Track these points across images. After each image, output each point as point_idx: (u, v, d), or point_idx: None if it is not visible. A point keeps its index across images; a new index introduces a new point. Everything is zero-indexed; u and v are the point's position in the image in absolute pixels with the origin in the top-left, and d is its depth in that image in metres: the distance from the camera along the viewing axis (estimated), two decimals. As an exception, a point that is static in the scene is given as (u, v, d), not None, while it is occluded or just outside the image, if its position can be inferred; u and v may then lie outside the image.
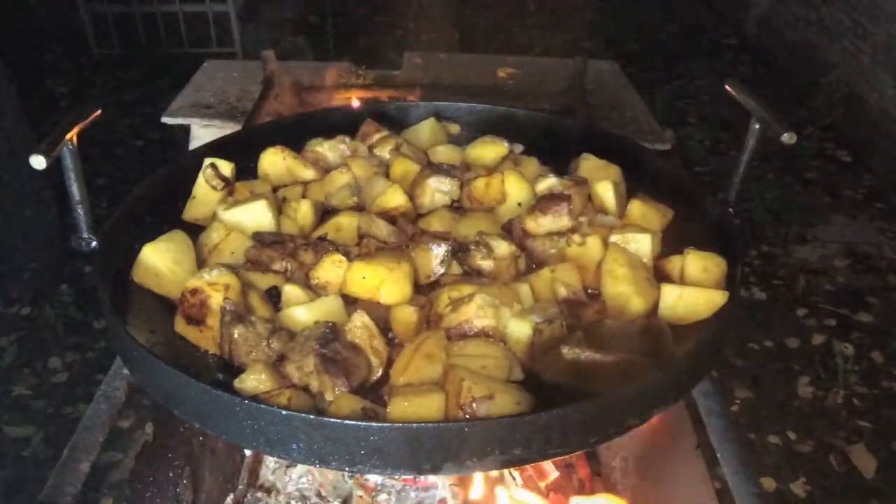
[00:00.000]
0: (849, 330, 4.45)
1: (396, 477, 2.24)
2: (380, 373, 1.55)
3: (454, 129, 2.54)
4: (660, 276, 1.82)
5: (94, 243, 1.86)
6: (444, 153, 2.35)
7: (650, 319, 1.67)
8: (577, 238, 1.85)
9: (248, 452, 2.56)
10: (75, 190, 1.82)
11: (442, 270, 1.78)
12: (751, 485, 1.67)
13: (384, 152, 2.31)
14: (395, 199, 2.04)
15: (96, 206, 1.80)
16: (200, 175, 2.03)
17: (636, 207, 2.00)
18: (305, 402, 1.43)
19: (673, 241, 1.91)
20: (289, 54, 3.68)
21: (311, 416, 1.31)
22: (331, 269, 1.72)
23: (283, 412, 1.32)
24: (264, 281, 1.75)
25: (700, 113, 7.04)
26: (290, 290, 1.69)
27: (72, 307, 4.42)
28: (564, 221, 1.88)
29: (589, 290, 1.80)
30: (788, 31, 7.91)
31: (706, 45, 8.93)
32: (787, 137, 1.88)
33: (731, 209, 2.05)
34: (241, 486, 2.49)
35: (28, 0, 8.18)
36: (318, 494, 2.41)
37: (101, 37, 7.96)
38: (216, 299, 1.57)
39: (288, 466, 2.48)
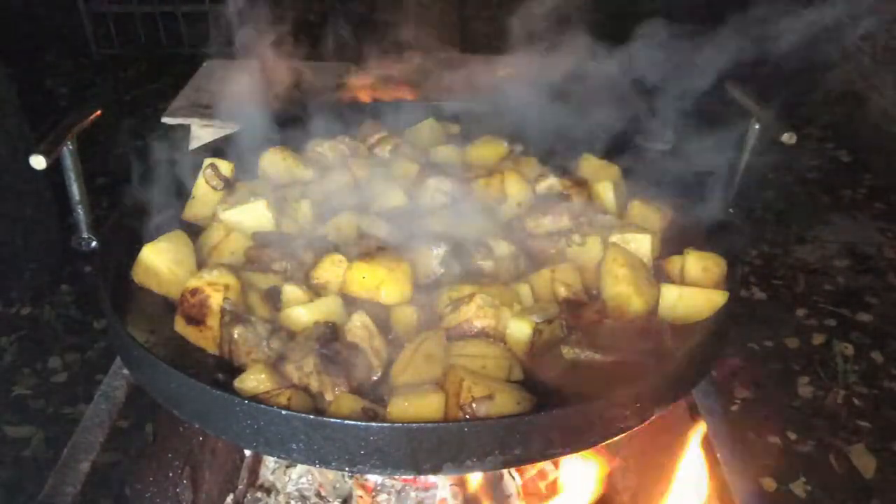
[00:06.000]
0: (849, 330, 4.44)
1: (396, 477, 2.24)
2: (380, 373, 1.55)
3: (454, 129, 2.54)
4: (660, 276, 1.82)
5: (94, 243, 1.86)
6: (444, 153, 2.35)
7: (650, 319, 1.67)
8: (577, 238, 1.85)
9: (248, 452, 2.56)
10: (75, 190, 1.82)
11: (442, 270, 1.78)
12: (751, 485, 1.67)
13: (384, 152, 2.31)
14: (395, 199, 2.04)
15: (96, 206, 1.80)
16: (200, 175, 2.03)
17: (636, 207, 2.00)
18: (305, 402, 1.43)
19: (673, 241, 1.91)
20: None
21: (311, 416, 1.31)
22: (331, 269, 1.72)
23: (283, 412, 1.32)
24: (264, 281, 1.74)
25: (701, 113, 7.03)
26: (290, 290, 1.69)
27: (72, 307, 4.41)
28: (564, 221, 1.88)
29: (589, 291, 1.80)
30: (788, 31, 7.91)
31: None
32: (787, 137, 1.88)
33: (730, 209, 2.06)
34: (241, 486, 2.49)
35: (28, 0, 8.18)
36: (318, 494, 2.40)
37: (101, 37, 7.96)
38: (216, 299, 1.57)
39: (288, 466, 2.48)
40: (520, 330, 1.56)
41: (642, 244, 1.83)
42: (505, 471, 2.32)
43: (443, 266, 1.78)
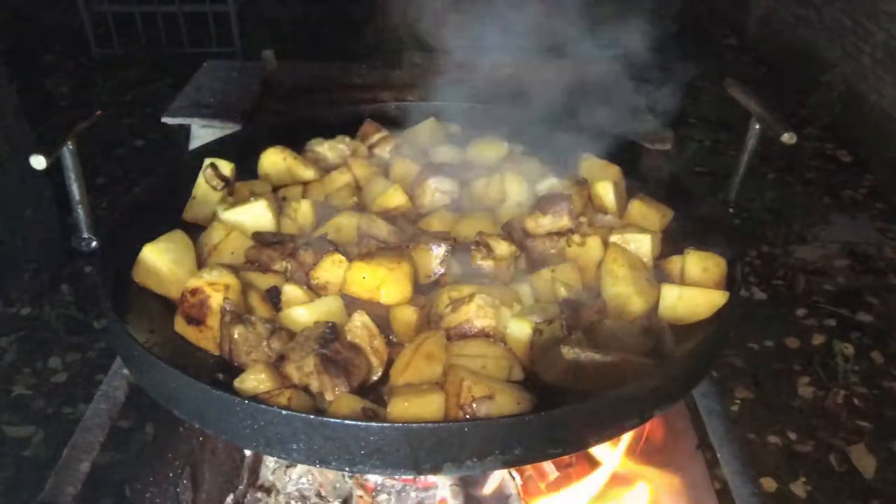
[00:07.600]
0: (849, 330, 4.44)
1: (396, 477, 2.24)
2: (380, 373, 1.55)
3: (454, 129, 2.54)
4: (660, 276, 1.82)
5: (94, 243, 1.86)
6: (444, 153, 2.35)
7: (650, 319, 1.67)
8: (577, 238, 1.84)
9: (248, 452, 2.56)
10: (75, 190, 1.82)
11: (442, 270, 1.78)
12: (751, 485, 1.67)
13: (384, 152, 2.31)
14: (395, 199, 2.04)
15: (96, 206, 1.80)
16: (200, 175, 2.03)
17: (636, 207, 2.00)
18: (305, 402, 1.43)
19: (673, 241, 1.91)
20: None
21: (311, 416, 1.31)
22: (331, 269, 1.72)
23: (283, 412, 1.32)
24: (264, 281, 1.75)
25: (700, 113, 7.04)
26: (290, 290, 1.69)
27: (72, 307, 4.41)
28: (564, 221, 1.88)
29: (589, 291, 1.80)
30: (788, 31, 7.91)
31: (706, 45, 8.93)
32: (787, 137, 1.88)
33: (730, 209, 2.06)
34: (241, 486, 2.48)
35: (28, 0, 8.19)
36: (318, 494, 2.40)
37: (101, 37, 7.95)
38: (216, 299, 1.57)
39: (288, 466, 2.48)
40: (520, 330, 1.56)
41: (642, 244, 1.83)
42: (505, 471, 2.32)
43: (443, 266, 1.78)
